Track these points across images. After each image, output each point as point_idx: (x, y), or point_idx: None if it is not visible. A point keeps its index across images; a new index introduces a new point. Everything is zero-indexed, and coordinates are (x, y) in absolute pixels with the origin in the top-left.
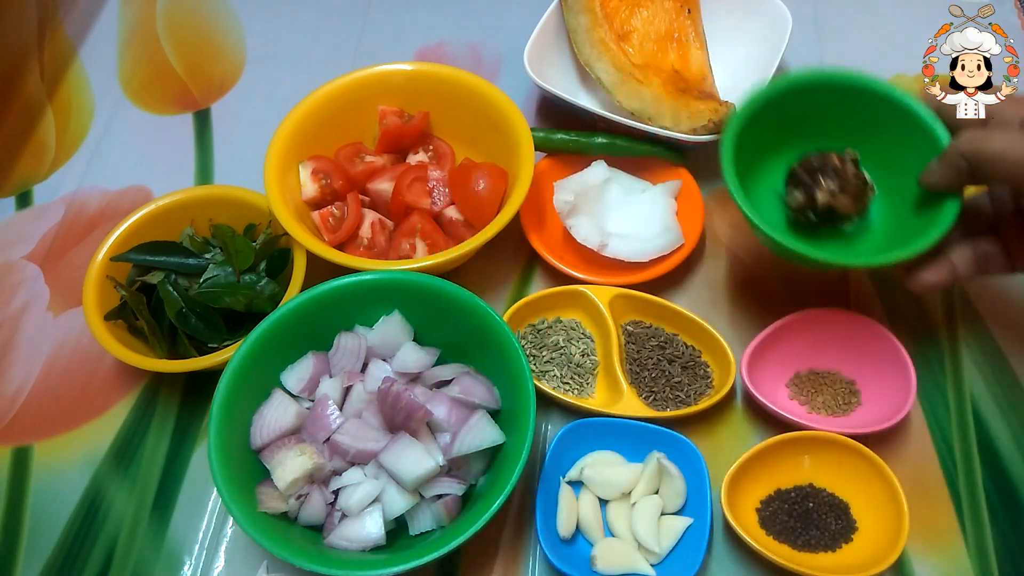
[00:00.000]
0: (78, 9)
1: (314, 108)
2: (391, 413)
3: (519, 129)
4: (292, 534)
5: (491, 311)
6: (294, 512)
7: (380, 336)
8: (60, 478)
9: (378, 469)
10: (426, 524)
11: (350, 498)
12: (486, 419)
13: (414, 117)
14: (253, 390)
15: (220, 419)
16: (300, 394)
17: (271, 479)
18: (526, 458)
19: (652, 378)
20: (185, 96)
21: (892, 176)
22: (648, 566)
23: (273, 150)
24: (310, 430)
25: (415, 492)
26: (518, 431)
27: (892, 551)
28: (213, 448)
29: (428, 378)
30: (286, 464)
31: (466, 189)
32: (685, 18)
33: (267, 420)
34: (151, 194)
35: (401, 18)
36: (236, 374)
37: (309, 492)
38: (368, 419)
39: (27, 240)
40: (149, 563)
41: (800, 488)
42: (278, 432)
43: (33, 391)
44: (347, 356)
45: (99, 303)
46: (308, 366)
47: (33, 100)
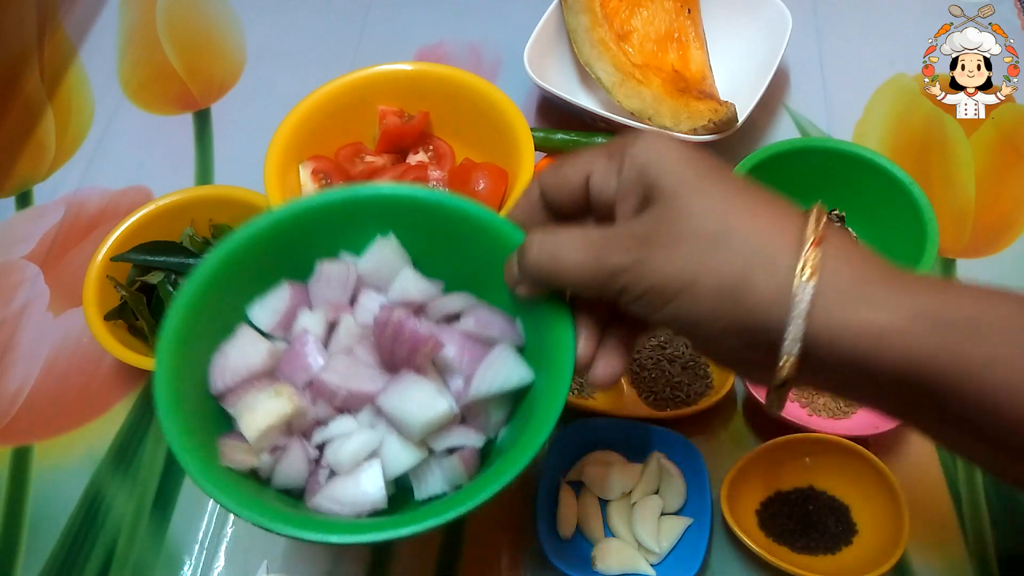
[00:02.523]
0: (78, 9)
1: (314, 108)
2: (391, 347)
3: (519, 129)
4: (265, 496)
5: (516, 231)
6: (268, 470)
7: (372, 263)
8: (60, 478)
9: (375, 417)
10: (437, 485)
11: (341, 450)
12: (510, 353)
13: (414, 117)
14: (212, 327)
15: (169, 356)
16: (273, 332)
17: (237, 429)
18: (563, 403)
19: (652, 378)
20: (185, 96)
21: (877, 232)
22: (648, 566)
23: (273, 150)
24: (286, 372)
25: (422, 444)
26: (552, 369)
27: (892, 554)
28: (160, 391)
29: (434, 311)
30: (256, 409)
31: (466, 189)
32: (685, 18)
33: (231, 359)
34: (151, 194)
35: (401, 18)
36: (189, 305)
37: (287, 445)
38: (361, 356)
39: (27, 240)
40: (149, 563)
41: (800, 490)
42: (246, 373)
43: (33, 391)
44: (332, 286)
45: (99, 303)
46: (283, 298)
47: (33, 100)
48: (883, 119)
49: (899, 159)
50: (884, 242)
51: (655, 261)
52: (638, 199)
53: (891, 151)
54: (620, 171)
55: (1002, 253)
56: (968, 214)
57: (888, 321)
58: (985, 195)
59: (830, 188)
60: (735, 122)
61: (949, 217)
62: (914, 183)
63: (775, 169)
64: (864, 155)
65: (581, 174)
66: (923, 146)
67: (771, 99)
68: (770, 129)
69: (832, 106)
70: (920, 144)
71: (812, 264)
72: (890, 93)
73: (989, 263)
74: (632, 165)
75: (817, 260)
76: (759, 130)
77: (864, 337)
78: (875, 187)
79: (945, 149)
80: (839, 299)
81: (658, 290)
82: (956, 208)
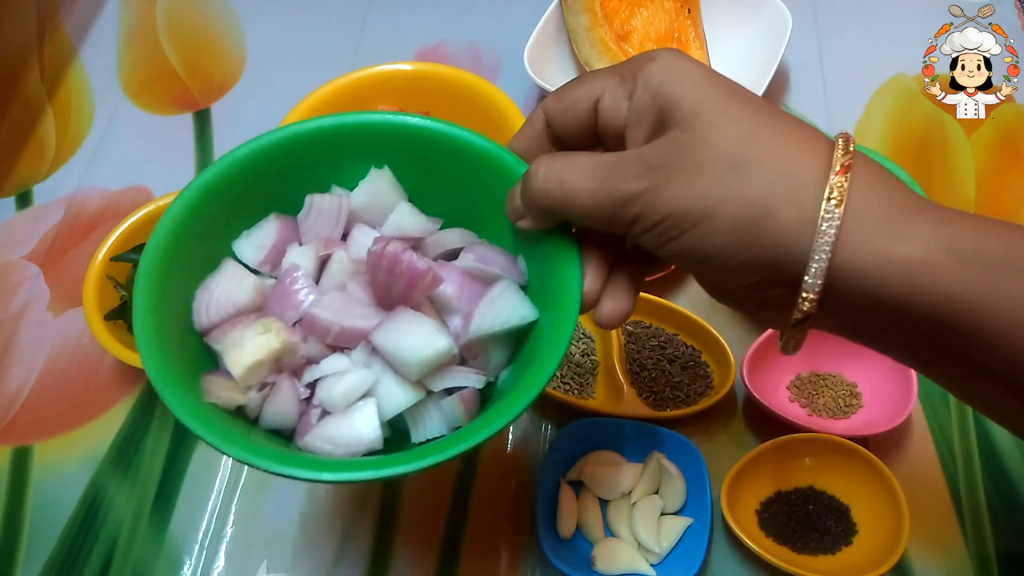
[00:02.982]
0: (78, 9)
1: (314, 108)
2: (386, 282)
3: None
4: (253, 436)
5: (518, 162)
6: (256, 408)
7: (366, 196)
8: (60, 478)
9: (369, 356)
10: (435, 427)
11: (334, 388)
12: (513, 289)
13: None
14: (195, 261)
15: (149, 289)
16: (260, 267)
17: (223, 367)
18: (568, 341)
19: (652, 378)
20: (185, 96)
21: None
22: (648, 566)
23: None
24: (275, 308)
25: (419, 385)
26: (556, 306)
27: (892, 554)
28: (140, 324)
29: (431, 247)
30: (244, 344)
31: None
32: (685, 18)
33: (216, 295)
34: (151, 194)
35: (401, 18)
36: (170, 236)
37: (276, 383)
38: (354, 292)
39: (27, 240)
40: (149, 563)
41: (800, 490)
42: (232, 309)
43: (33, 391)
44: (323, 219)
45: (99, 303)
46: (270, 231)
47: (33, 100)
48: (883, 119)
49: (899, 159)
50: None
51: (672, 188)
52: (652, 124)
53: (891, 151)
54: (632, 94)
55: None
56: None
57: (920, 255)
58: (985, 195)
59: None
60: None
61: None
62: (914, 183)
63: None
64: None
65: (589, 98)
66: (923, 146)
67: (771, 99)
68: None
69: (832, 106)
70: (920, 144)
71: (839, 192)
72: (890, 93)
73: None
74: (646, 87)
75: (845, 188)
76: None
77: (893, 271)
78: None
79: (945, 149)
80: (867, 230)
81: (675, 219)
82: (956, 208)
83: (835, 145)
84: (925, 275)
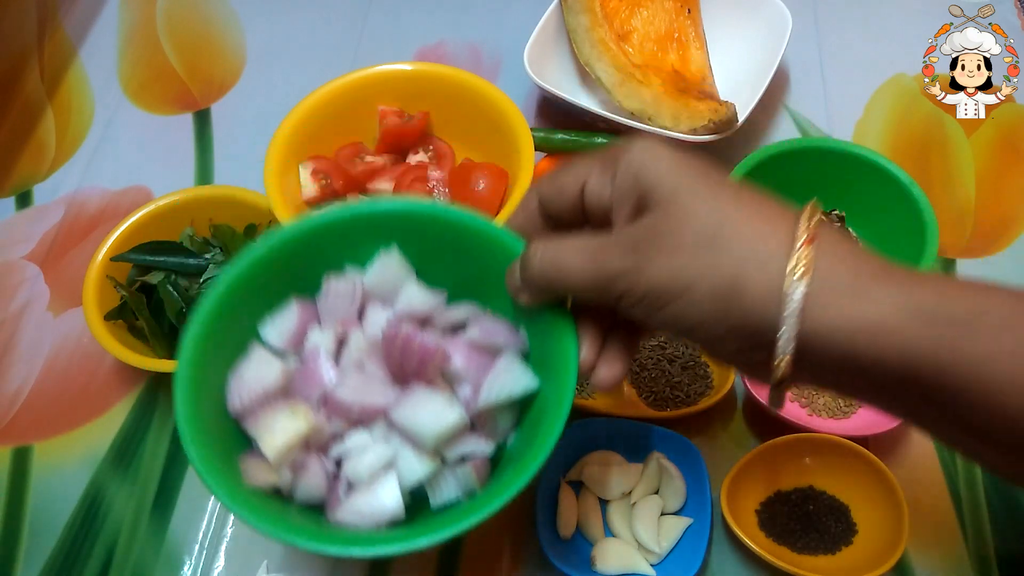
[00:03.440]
0: (78, 9)
1: (314, 108)
2: (400, 361)
3: (519, 129)
4: (289, 513)
5: (516, 240)
6: (289, 486)
7: (377, 277)
8: (60, 478)
9: (388, 430)
10: (451, 492)
11: (357, 465)
12: (516, 362)
13: (414, 117)
14: (227, 346)
15: (189, 379)
16: (284, 349)
17: (257, 449)
18: (569, 407)
19: (652, 378)
20: (185, 96)
21: (877, 232)
22: (648, 566)
23: (273, 150)
24: (301, 388)
25: (435, 454)
26: (556, 375)
27: (892, 554)
28: (182, 414)
29: (439, 322)
30: (275, 428)
31: (466, 189)
32: (685, 18)
33: (247, 379)
34: (151, 194)
35: (401, 18)
36: (205, 327)
37: (305, 461)
38: (372, 371)
39: (27, 240)
40: (149, 563)
41: (800, 490)
42: (262, 392)
43: (33, 391)
44: (339, 301)
45: (99, 303)
46: (292, 315)
47: (33, 100)
48: (883, 119)
49: (899, 159)
50: (884, 242)
51: (653, 265)
52: (632, 205)
53: (891, 151)
54: (614, 178)
55: (1002, 253)
56: (968, 214)
57: (884, 317)
58: (985, 195)
59: (830, 188)
60: (735, 122)
61: (949, 217)
62: (914, 183)
63: (775, 169)
64: (864, 155)
65: (577, 183)
66: (923, 146)
67: (771, 99)
68: (770, 129)
69: (832, 106)
70: (920, 144)
71: (805, 262)
72: (890, 93)
73: (989, 263)
74: (626, 172)
75: (810, 258)
76: (759, 130)
77: (860, 334)
78: (875, 187)
79: (945, 149)
80: (833, 296)
81: (656, 294)
82: (956, 208)
83: (801, 215)
84: (890, 337)
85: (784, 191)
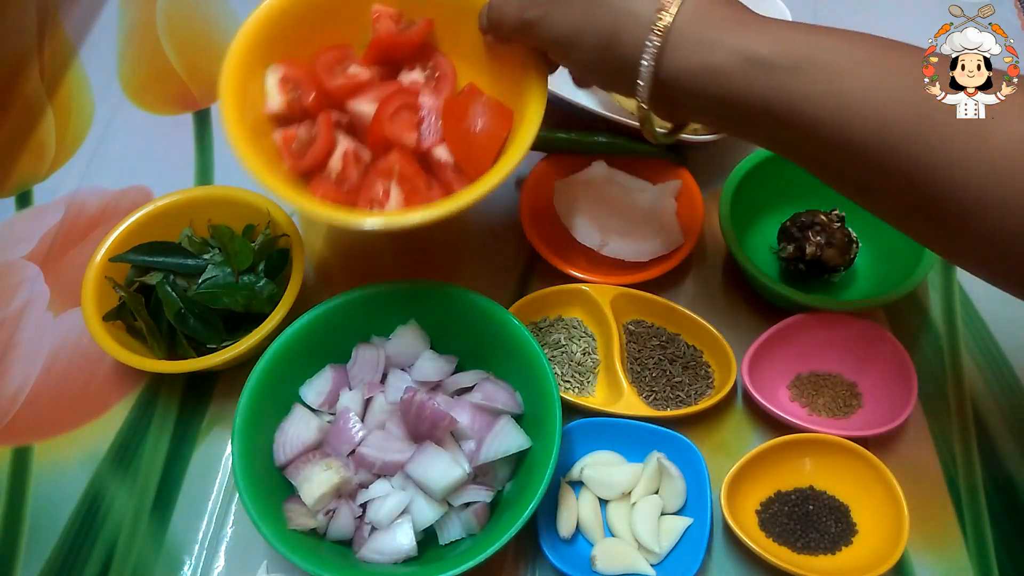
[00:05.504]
0: (78, 9)
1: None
2: (415, 423)
3: (531, 62)
4: (323, 550)
5: (511, 317)
6: (323, 528)
7: (398, 346)
8: (60, 478)
9: (405, 480)
10: (456, 532)
11: (379, 511)
12: (511, 424)
13: (414, 24)
14: (273, 406)
15: (243, 438)
16: (320, 408)
17: (297, 495)
18: (555, 462)
19: (653, 378)
20: (185, 96)
21: (877, 232)
22: (648, 566)
23: (236, 47)
24: (334, 444)
25: (443, 501)
26: (544, 435)
27: (892, 554)
28: (239, 468)
29: (449, 386)
30: (312, 480)
31: (461, 126)
32: None
33: (289, 436)
34: (151, 194)
35: None
36: (256, 391)
37: (337, 507)
38: (391, 430)
39: (27, 240)
40: (149, 563)
41: (800, 490)
42: (301, 447)
43: (33, 391)
44: (366, 368)
45: (98, 304)
46: (327, 379)
47: (33, 100)
48: None
49: None
50: (884, 242)
51: (554, 17)
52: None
53: None
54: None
55: None
56: None
57: (722, 63)
58: None
59: (830, 188)
60: None
61: None
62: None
63: (775, 169)
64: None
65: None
66: None
67: None
68: None
69: None
70: None
71: (670, 14)
72: None
73: None
74: None
75: (674, 11)
76: None
77: (704, 77)
78: None
79: None
80: (683, 45)
81: (560, 42)
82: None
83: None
84: (727, 78)
85: (784, 191)
